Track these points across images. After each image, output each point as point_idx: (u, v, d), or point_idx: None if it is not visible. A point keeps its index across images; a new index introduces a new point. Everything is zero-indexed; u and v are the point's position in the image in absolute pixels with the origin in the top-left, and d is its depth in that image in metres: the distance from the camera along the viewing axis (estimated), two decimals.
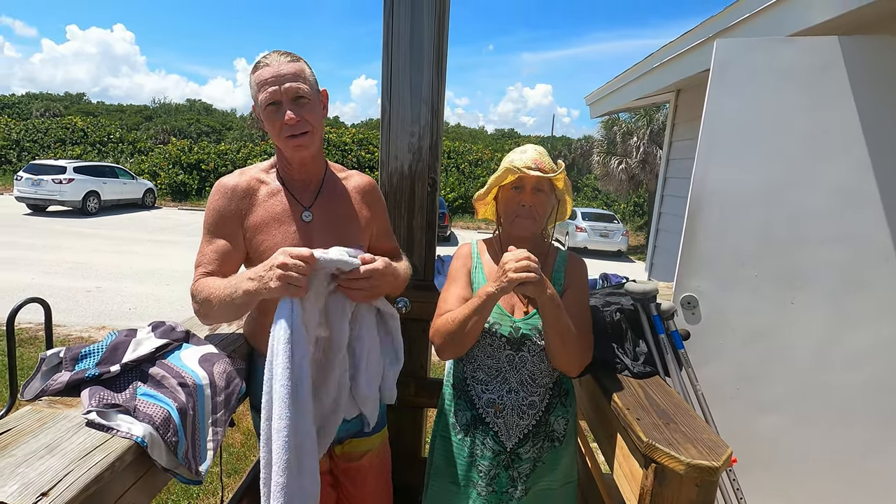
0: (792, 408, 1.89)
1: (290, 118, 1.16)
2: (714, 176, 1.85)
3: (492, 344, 1.31)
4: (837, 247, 1.80)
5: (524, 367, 1.30)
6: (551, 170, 1.27)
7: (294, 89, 1.16)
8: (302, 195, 1.31)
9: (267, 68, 1.17)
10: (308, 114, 1.20)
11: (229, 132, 30.70)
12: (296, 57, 1.21)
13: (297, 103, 1.18)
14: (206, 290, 1.17)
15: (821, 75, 1.74)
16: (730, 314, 1.90)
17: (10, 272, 6.90)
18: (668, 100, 4.60)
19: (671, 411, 1.18)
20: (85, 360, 1.07)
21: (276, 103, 1.17)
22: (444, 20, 1.76)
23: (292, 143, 1.20)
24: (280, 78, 1.16)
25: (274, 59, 1.17)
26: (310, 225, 1.29)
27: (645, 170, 17.41)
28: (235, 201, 1.25)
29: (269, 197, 1.28)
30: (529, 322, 1.30)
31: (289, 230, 1.26)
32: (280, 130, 1.19)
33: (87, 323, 5.23)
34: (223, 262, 1.24)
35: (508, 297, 1.32)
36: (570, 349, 1.21)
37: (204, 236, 1.26)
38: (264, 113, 1.19)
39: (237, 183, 1.26)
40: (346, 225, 1.34)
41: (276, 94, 1.16)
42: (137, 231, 11.89)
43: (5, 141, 21.65)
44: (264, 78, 1.16)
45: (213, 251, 1.24)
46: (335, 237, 1.29)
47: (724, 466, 0.99)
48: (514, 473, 1.30)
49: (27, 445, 0.83)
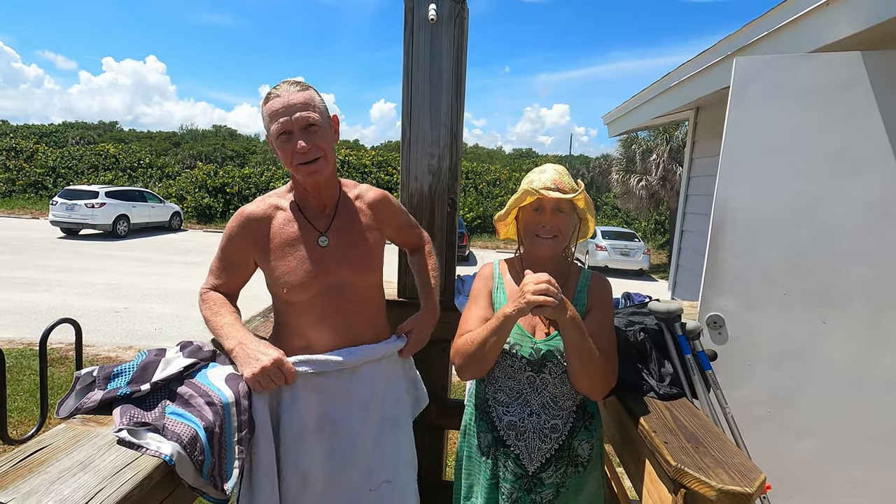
0: (829, 432, 1.81)
1: (302, 147, 1.19)
2: (737, 193, 1.82)
3: (512, 365, 1.30)
4: (871, 264, 1.74)
5: (545, 390, 1.28)
6: (571, 190, 1.26)
7: (304, 118, 1.19)
8: (317, 220, 1.33)
9: (277, 99, 1.19)
10: (319, 140, 1.22)
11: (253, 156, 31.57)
12: (304, 86, 1.23)
13: (308, 131, 1.21)
14: (206, 311, 1.33)
15: (844, 91, 1.72)
16: (758, 334, 1.84)
17: (44, 294, 7.15)
18: (687, 117, 4.58)
19: (700, 434, 1.14)
20: (117, 379, 1.10)
21: (287, 133, 1.20)
22: (462, 44, 1.80)
23: (305, 169, 1.23)
24: (290, 108, 1.18)
25: (284, 90, 1.20)
26: (326, 249, 1.30)
27: (665, 187, 17.22)
28: (250, 229, 1.30)
29: (286, 223, 1.30)
30: (551, 343, 1.28)
31: (305, 255, 1.28)
32: (292, 158, 1.22)
33: (115, 343, 5.35)
34: (229, 277, 1.36)
35: (529, 317, 1.31)
36: (592, 372, 1.19)
37: (218, 250, 1.36)
38: (277, 142, 1.22)
39: (253, 211, 1.30)
40: (361, 248, 1.36)
41: (286, 124, 1.19)
42: (164, 253, 12.22)
43: (42, 168, 22.64)
44: (275, 109, 1.19)
45: (221, 268, 1.36)
46: (351, 261, 1.32)
47: (758, 493, 0.96)
48: (536, 498, 1.27)
49: (61, 462, 0.86)
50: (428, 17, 1.75)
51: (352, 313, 1.33)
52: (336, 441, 1.29)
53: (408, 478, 1.41)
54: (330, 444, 1.28)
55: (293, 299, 1.28)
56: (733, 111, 1.81)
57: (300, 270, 1.26)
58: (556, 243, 1.29)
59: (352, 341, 1.32)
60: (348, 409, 1.30)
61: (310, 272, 1.27)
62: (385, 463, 1.35)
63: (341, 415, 1.30)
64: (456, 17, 1.77)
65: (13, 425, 3.28)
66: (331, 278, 1.29)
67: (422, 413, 1.57)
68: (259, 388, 1.16)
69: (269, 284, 1.32)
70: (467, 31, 1.82)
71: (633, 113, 4.95)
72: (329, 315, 1.30)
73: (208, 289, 1.36)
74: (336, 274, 1.30)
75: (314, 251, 1.29)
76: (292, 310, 1.31)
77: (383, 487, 1.34)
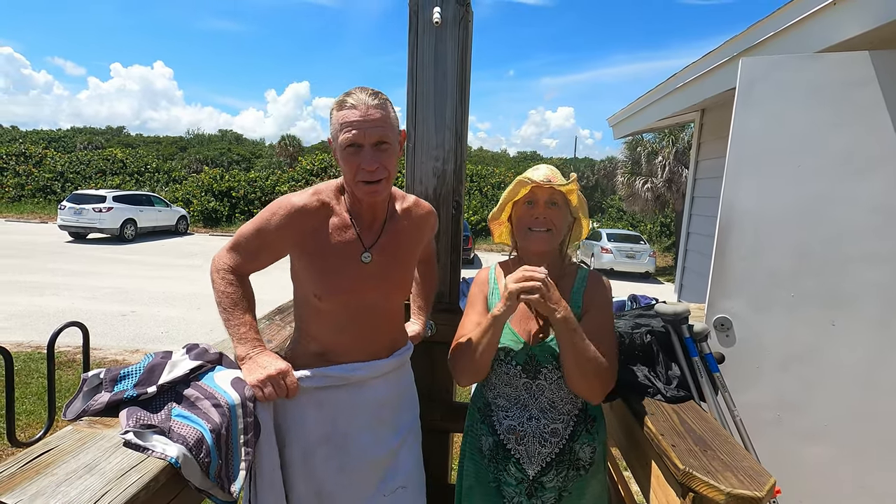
0: (839, 436, 1.79)
1: (370, 165, 1.14)
2: (744, 195, 1.81)
3: (507, 372, 1.29)
4: (880, 265, 1.73)
5: (542, 395, 1.27)
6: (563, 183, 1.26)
7: (378, 136, 1.14)
8: (366, 234, 1.28)
9: (354, 110, 1.13)
10: (387, 160, 1.17)
11: (259, 160, 31.78)
12: (382, 99, 1.17)
13: (378, 148, 1.16)
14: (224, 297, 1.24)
15: (852, 90, 1.71)
16: (766, 337, 1.83)
17: (52, 297, 7.21)
18: (693, 119, 4.56)
19: (708, 437, 1.13)
20: (123, 382, 1.10)
21: (357, 145, 1.15)
22: (466, 47, 1.80)
23: (367, 189, 1.18)
24: (366, 122, 1.13)
25: (361, 101, 1.14)
26: (367, 267, 1.26)
27: (671, 189, 17.15)
28: (298, 221, 1.22)
29: (338, 229, 1.25)
30: (545, 348, 1.27)
31: (347, 268, 1.24)
32: (356, 174, 1.16)
33: (121, 346, 5.38)
34: (256, 261, 1.27)
35: (524, 323, 1.30)
36: (587, 374, 1.17)
37: (252, 230, 1.25)
38: (342, 153, 1.17)
39: (305, 205, 1.23)
40: (401, 270, 1.33)
41: (358, 137, 1.13)
42: (171, 257, 12.29)
43: (51, 173, 22.89)
44: (349, 120, 1.13)
45: (249, 250, 1.26)
46: (389, 282, 1.29)
47: (768, 497, 0.94)
48: (537, 502, 1.26)
49: (67, 465, 0.86)
50: (432, 20, 1.75)
51: (375, 327, 1.31)
52: (346, 454, 1.28)
53: (421, 482, 1.41)
54: (338, 458, 1.27)
55: (320, 306, 1.25)
56: (739, 112, 1.80)
57: (338, 283, 1.23)
58: (551, 237, 1.27)
59: (369, 351, 1.31)
60: (358, 421, 1.30)
61: (346, 288, 1.24)
62: (399, 470, 1.35)
63: (352, 428, 1.29)
64: (460, 21, 1.78)
65: (21, 428, 3.30)
66: (365, 297, 1.26)
67: (427, 417, 1.57)
68: (260, 395, 1.16)
69: (300, 282, 1.29)
70: (472, 35, 1.82)
71: (638, 115, 4.94)
72: (351, 326, 1.28)
73: (230, 267, 1.26)
74: (372, 294, 1.27)
75: (355, 266, 1.25)
76: (316, 314, 1.28)
77: (399, 493, 1.33)
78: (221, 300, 1.24)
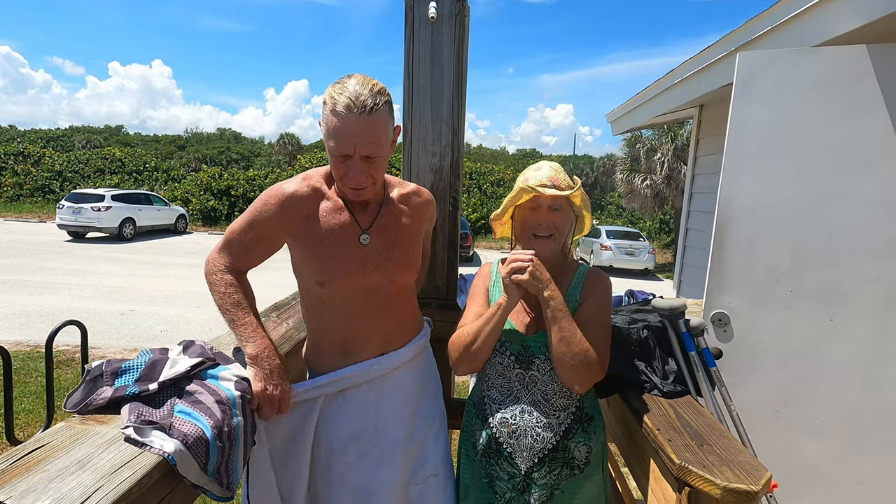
0: (838, 431, 1.79)
1: (355, 178, 1.15)
2: (741, 190, 1.80)
3: (501, 362, 1.30)
4: (880, 260, 1.72)
5: (535, 387, 1.27)
6: (567, 187, 1.25)
7: (368, 152, 1.13)
8: (361, 215, 1.27)
9: (347, 122, 1.09)
10: (375, 170, 1.17)
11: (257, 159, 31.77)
12: (379, 100, 1.11)
13: (367, 160, 1.15)
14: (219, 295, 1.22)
15: (850, 84, 1.70)
16: (763, 332, 1.82)
17: (51, 296, 7.20)
18: (691, 115, 4.55)
19: (705, 432, 1.13)
20: (124, 376, 1.10)
21: (345, 156, 1.14)
22: (463, 42, 1.79)
23: (352, 192, 1.19)
24: (356, 137, 1.11)
25: (355, 107, 1.08)
26: (367, 248, 1.25)
27: (670, 186, 17.13)
28: (290, 208, 1.21)
29: (331, 212, 1.24)
30: (539, 339, 1.27)
31: (346, 251, 1.23)
32: (343, 178, 1.17)
33: (120, 345, 5.38)
34: (250, 257, 1.26)
35: (521, 315, 1.31)
36: (572, 358, 1.16)
37: (243, 225, 1.24)
38: (331, 156, 1.17)
39: (295, 191, 1.22)
40: (402, 249, 1.31)
41: (348, 149, 1.13)
42: (170, 256, 12.28)
43: (49, 172, 22.84)
44: (341, 132, 1.11)
45: (243, 245, 1.24)
46: (391, 262, 1.28)
47: (764, 491, 0.94)
48: (529, 499, 1.26)
49: (59, 461, 0.85)
50: (428, 14, 1.74)
51: (385, 311, 1.30)
52: (380, 448, 1.28)
53: (450, 468, 1.41)
54: (373, 454, 1.28)
55: (326, 294, 1.24)
56: (737, 107, 1.80)
57: (338, 266, 1.22)
58: (553, 242, 1.28)
59: (384, 337, 1.31)
60: (386, 414, 1.30)
61: (348, 270, 1.23)
62: (428, 458, 1.34)
63: (381, 422, 1.29)
64: (457, 15, 1.77)
65: (20, 427, 3.29)
66: (368, 279, 1.26)
67: None
68: (266, 412, 1.17)
69: (302, 274, 1.27)
70: (468, 29, 1.81)
71: (636, 111, 4.93)
72: (361, 312, 1.27)
73: (226, 267, 1.24)
74: (374, 275, 1.26)
75: (355, 248, 1.24)
76: (322, 304, 1.28)
77: (430, 481, 1.33)
78: (223, 302, 1.22)
